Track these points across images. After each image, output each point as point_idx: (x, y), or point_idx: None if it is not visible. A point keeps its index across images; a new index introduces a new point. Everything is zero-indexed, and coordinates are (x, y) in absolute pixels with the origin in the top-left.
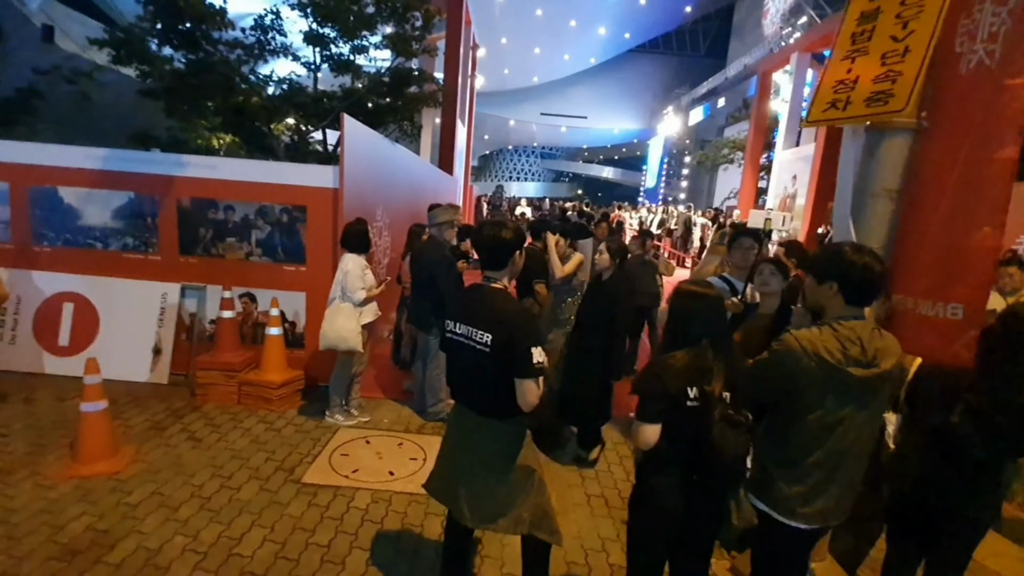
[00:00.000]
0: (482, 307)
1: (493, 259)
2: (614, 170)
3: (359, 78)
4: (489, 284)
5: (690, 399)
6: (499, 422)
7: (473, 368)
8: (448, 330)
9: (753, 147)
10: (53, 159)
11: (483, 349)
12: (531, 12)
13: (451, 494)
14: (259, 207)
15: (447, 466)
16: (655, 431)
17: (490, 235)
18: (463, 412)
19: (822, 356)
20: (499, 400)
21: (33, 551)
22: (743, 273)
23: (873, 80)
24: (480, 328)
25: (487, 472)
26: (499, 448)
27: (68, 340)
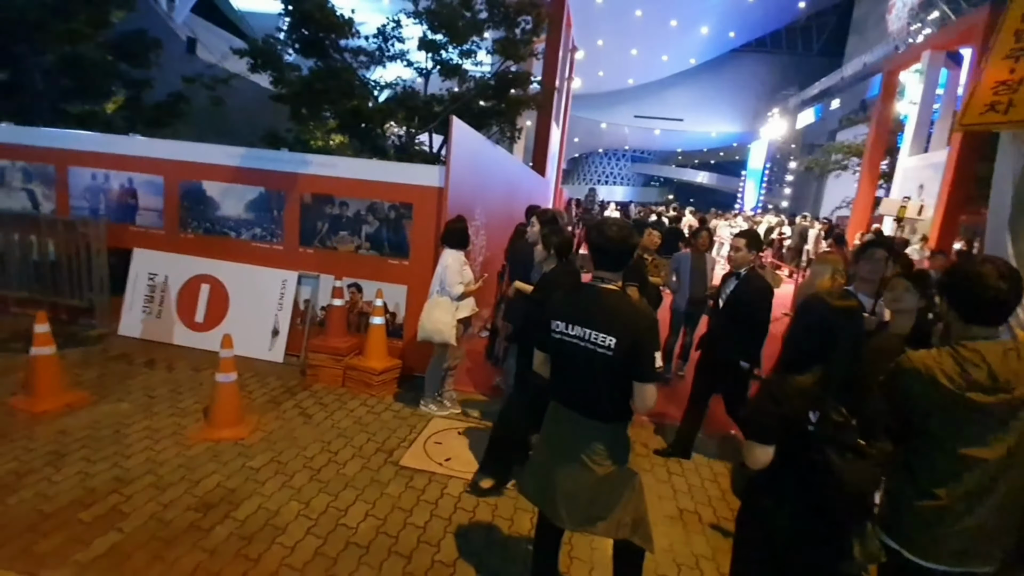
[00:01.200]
0: (601, 309)
1: (611, 260)
2: (709, 175)
3: (465, 81)
4: (602, 285)
5: (811, 423)
6: (606, 425)
7: (587, 371)
8: (556, 331)
9: (872, 152)
10: (199, 156)
11: (605, 352)
12: (630, 13)
13: (548, 496)
14: (370, 204)
15: (544, 468)
16: (768, 453)
17: (611, 236)
18: (565, 414)
19: (937, 379)
20: (612, 403)
21: (175, 500)
22: (870, 287)
23: None
24: (602, 331)
25: (590, 474)
26: (605, 450)
27: (203, 317)
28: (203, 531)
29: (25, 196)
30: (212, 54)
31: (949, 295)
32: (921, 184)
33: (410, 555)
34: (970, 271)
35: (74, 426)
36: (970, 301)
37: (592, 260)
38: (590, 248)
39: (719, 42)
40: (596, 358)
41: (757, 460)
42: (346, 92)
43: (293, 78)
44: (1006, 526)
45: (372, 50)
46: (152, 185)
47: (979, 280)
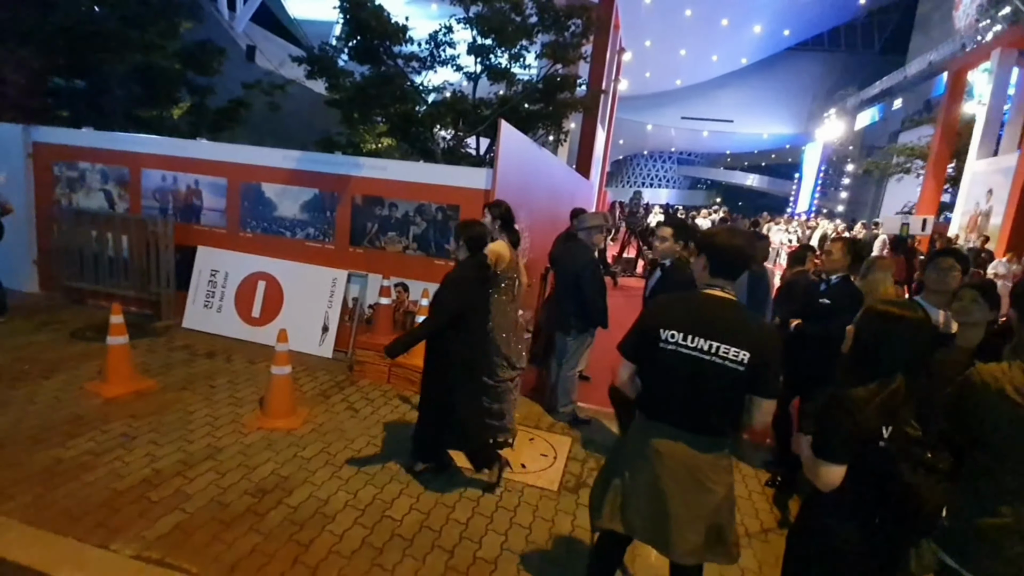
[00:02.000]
0: (727, 321)
1: (729, 269)
2: (760, 177)
3: (513, 85)
4: (720, 295)
5: (883, 439)
6: (720, 439)
7: (707, 386)
8: (669, 342)
9: (937, 155)
10: (259, 159)
11: (735, 368)
12: (679, 12)
13: (659, 527)
14: (418, 205)
15: (650, 497)
16: (840, 472)
17: (729, 244)
18: (671, 433)
19: (1006, 393)
20: (728, 418)
21: (233, 485)
22: (939, 299)
23: None
24: (733, 345)
25: (712, 497)
26: (723, 468)
27: (259, 312)
28: (259, 515)
29: (102, 196)
30: (270, 61)
31: (1019, 308)
32: (990, 189)
33: (452, 550)
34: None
35: (143, 411)
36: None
37: (708, 266)
38: (712, 253)
39: (773, 41)
40: (724, 373)
41: (830, 482)
42: (397, 97)
43: (347, 84)
44: None
45: (424, 56)
46: (216, 186)
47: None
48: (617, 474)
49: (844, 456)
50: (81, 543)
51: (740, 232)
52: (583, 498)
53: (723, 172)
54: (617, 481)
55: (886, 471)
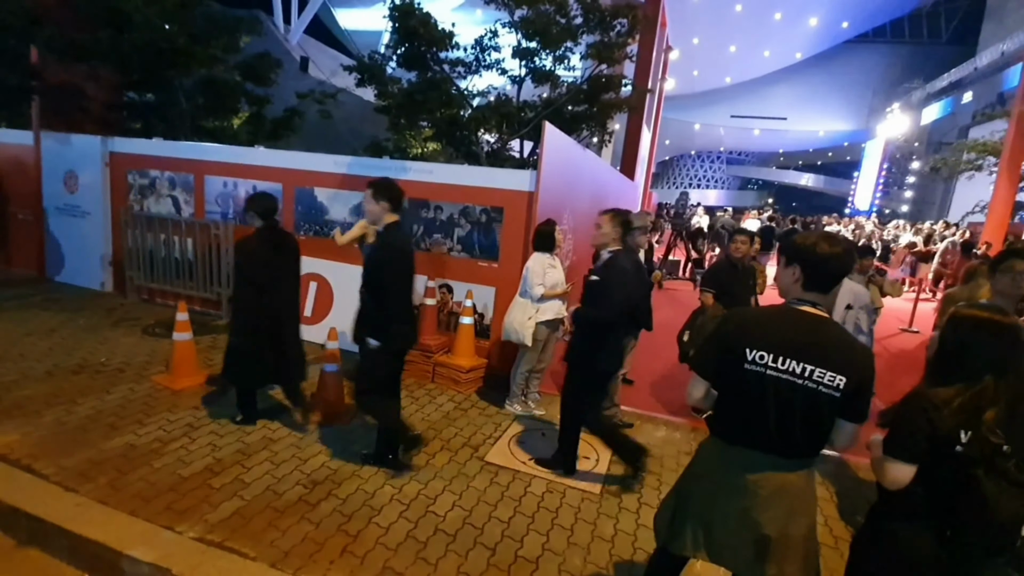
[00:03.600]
0: (822, 342)
1: (824, 282)
2: (815, 177)
3: (557, 87)
4: (815, 312)
5: (961, 444)
6: (809, 461)
7: (802, 410)
8: (759, 363)
9: (1012, 151)
10: (311, 165)
11: (831, 393)
12: (730, 8)
13: (749, 559)
14: (463, 208)
15: (739, 525)
16: (909, 472)
17: (829, 254)
18: (756, 459)
19: None
20: (821, 440)
21: (287, 475)
22: (1009, 302)
23: None
24: (829, 369)
25: (806, 521)
26: (810, 488)
27: (311, 311)
28: (310, 505)
29: (170, 202)
30: (322, 71)
31: None
32: None
33: (494, 547)
34: None
35: (206, 403)
36: None
37: (802, 279)
38: (809, 264)
39: (830, 33)
40: (819, 398)
41: (896, 480)
42: (444, 102)
43: (395, 91)
44: None
45: (469, 60)
46: (272, 191)
47: None
48: (696, 501)
49: (914, 456)
50: (151, 524)
51: (839, 239)
52: (626, 502)
53: (775, 172)
54: (698, 509)
55: (962, 478)
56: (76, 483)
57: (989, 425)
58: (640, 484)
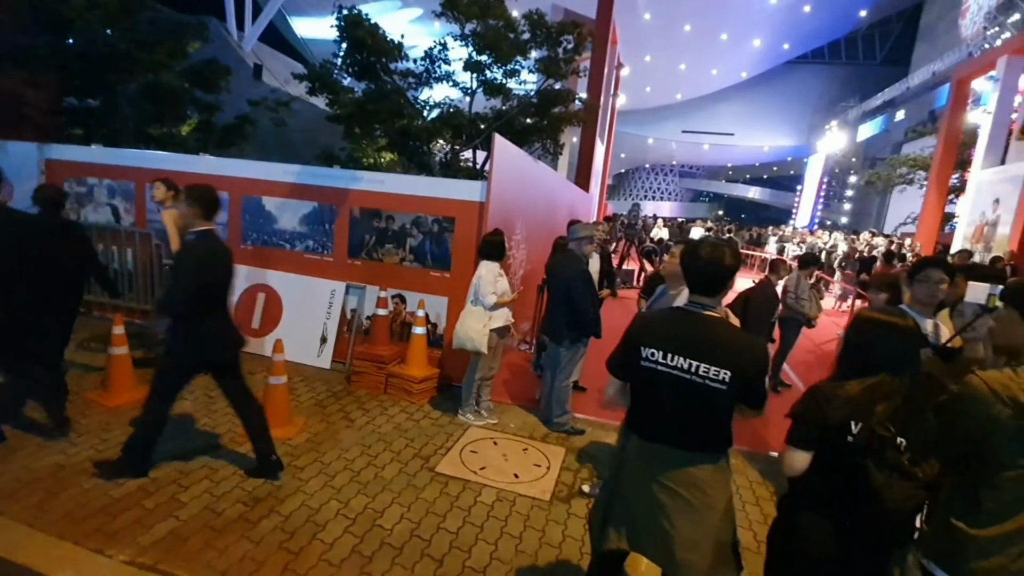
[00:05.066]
0: (708, 339)
1: (710, 285)
2: (762, 190)
3: (509, 100)
4: (704, 312)
5: (851, 434)
6: (717, 454)
7: (694, 404)
8: (651, 360)
9: (941, 165)
10: (259, 174)
11: (718, 387)
12: (679, 28)
13: (660, 549)
14: (415, 217)
15: (649, 516)
16: (804, 459)
17: (711, 258)
18: (662, 452)
19: (1019, 399)
20: (721, 434)
21: (227, 493)
22: (927, 310)
23: None
24: (714, 364)
25: (712, 514)
26: (718, 482)
27: (259, 324)
28: (251, 523)
29: (109, 211)
30: (277, 79)
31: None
32: (997, 198)
33: (442, 559)
34: None
35: None
36: None
37: (688, 285)
38: (684, 272)
39: (772, 54)
40: (707, 392)
41: (793, 466)
42: (396, 112)
43: (347, 100)
44: None
45: (420, 72)
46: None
47: None
48: (618, 496)
49: (807, 443)
50: (79, 547)
51: (721, 246)
52: (575, 508)
53: (725, 185)
54: (619, 503)
55: (853, 468)
56: (2, 504)
57: (879, 419)
58: (593, 489)
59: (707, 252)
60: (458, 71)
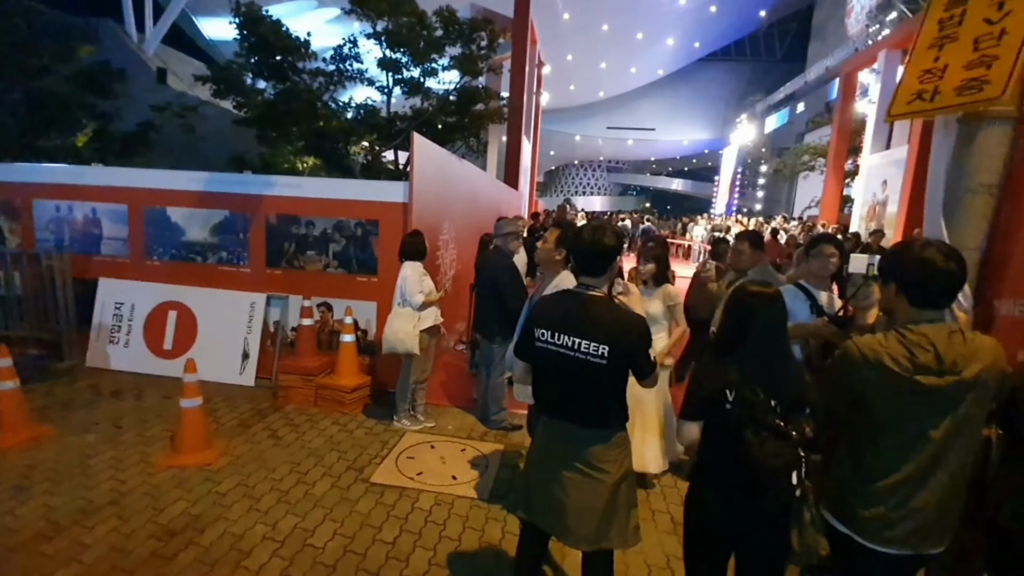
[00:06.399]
0: (589, 317)
1: (593, 266)
2: (684, 182)
3: (428, 99)
4: (588, 292)
5: (728, 402)
6: (608, 431)
7: (579, 380)
8: (540, 340)
9: (836, 153)
10: (162, 183)
11: (599, 362)
12: (597, 27)
13: (557, 517)
14: (336, 222)
15: (548, 487)
16: (695, 429)
17: (591, 240)
18: (560, 427)
19: (885, 364)
20: (610, 408)
21: (138, 529)
22: (821, 283)
23: (964, 67)
24: (593, 340)
25: (601, 486)
26: (613, 458)
27: (171, 344)
28: (166, 559)
29: None
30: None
31: (899, 281)
32: (885, 180)
33: (378, 571)
34: (919, 256)
35: (39, 460)
36: (921, 285)
37: (575, 268)
38: (575, 252)
39: (685, 53)
40: (589, 367)
41: (685, 437)
42: (311, 113)
43: (257, 102)
44: (951, 506)
45: (331, 71)
46: (116, 213)
47: (930, 265)
48: (527, 468)
49: (694, 414)
50: None
51: (603, 228)
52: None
53: (650, 178)
54: (527, 475)
55: (733, 433)
56: None
57: (749, 385)
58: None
59: (589, 235)
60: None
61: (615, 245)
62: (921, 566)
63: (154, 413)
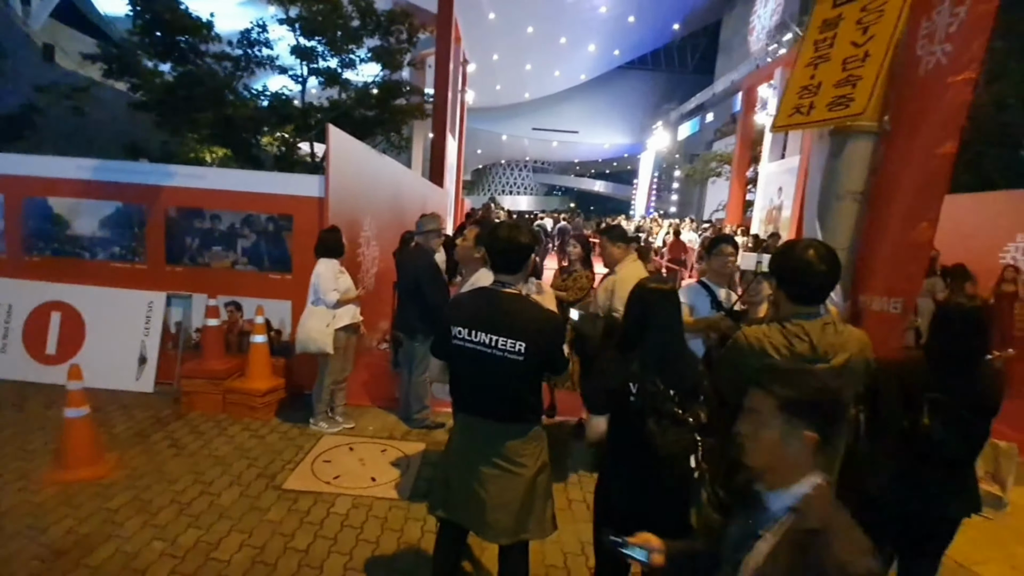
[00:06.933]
0: (505, 314)
1: (508, 263)
2: (606, 184)
3: (347, 90)
4: (503, 289)
5: (632, 395)
6: (524, 425)
7: (496, 376)
8: (458, 337)
9: (739, 160)
10: (45, 170)
11: (515, 358)
12: (522, 29)
13: (474, 513)
14: (245, 216)
15: (465, 483)
16: (602, 423)
17: (506, 238)
18: (478, 423)
19: (767, 352)
20: (526, 403)
21: (18, 552)
22: (722, 279)
23: (834, 85)
24: (510, 337)
25: (519, 480)
26: (530, 452)
27: (55, 349)
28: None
29: None
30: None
31: (780, 280)
32: (780, 187)
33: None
34: (798, 258)
35: None
36: (798, 284)
37: (492, 265)
38: (491, 250)
39: (606, 59)
40: (506, 364)
41: (593, 430)
42: (216, 100)
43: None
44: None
45: (237, 56)
46: None
47: (807, 267)
48: (446, 466)
49: (600, 407)
50: None
51: (518, 226)
52: None
53: (574, 179)
54: (444, 472)
55: (637, 424)
56: None
57: (650, 377)
58: None
59: (504, 233)
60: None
61: (529, 243)
62: None
63: (36, 425)
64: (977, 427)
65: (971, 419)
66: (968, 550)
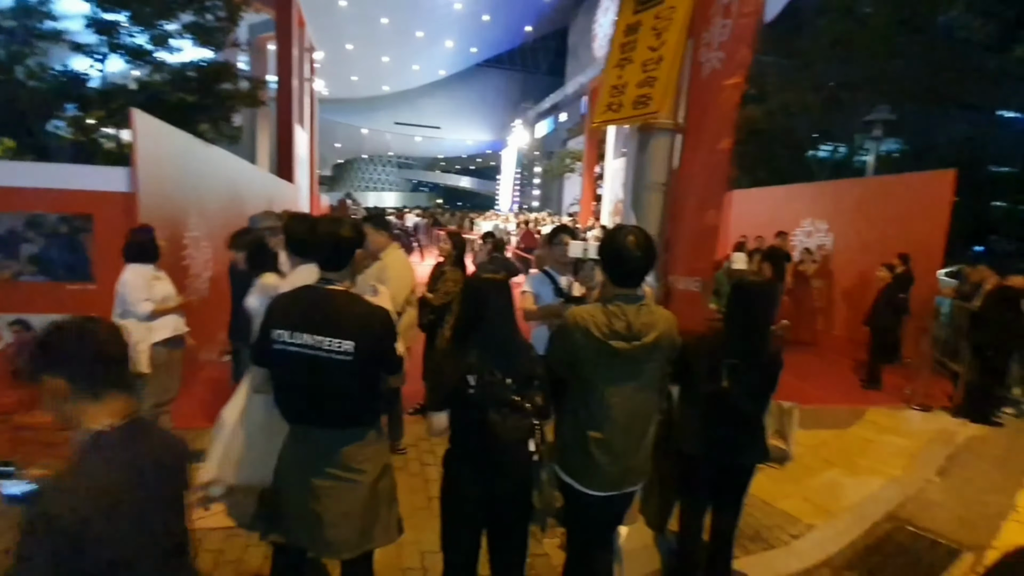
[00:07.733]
0: (331, 313)
1: (333, 259)
2: (471, 179)
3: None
4: (327, 287)
5: (471, 387)
6: (361, 428)
7: (325, 380)
8: (279, 341)
9: (588, 158)
10: None
11: (344, 359)
12: (376, 20)
13: (313, 530)
14: (30, 217)
15: (299, 501)
16: (442, 419)
17: (327, 232)
18: (308, 433)
19: (590, 330)
20: (361, 406)
21: None
22: (563, 268)
23: (637, 85)
24: (337, 336)
25: (359, 488)
26: (366, 456)
27: None
28: None
29: None
30: None
31: (603, 264)
32: (623, 182)
33: None
34: (618, 244)
35: None
36: (618, 268)
37: (316, 262)
38: (314, 247)
39: (464, 56)
40: (334, 366)
41: (435, 427)
42: None
43: None
44: (645, 447)
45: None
46: None
47: (625, 252)
48: (276, 485)
49: (440, 404)
50: None
51: (329, 220)
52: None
53: (439, 175)
54: (276, 493)
55: (477, 415)
56: None
57: (488, 367)
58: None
59: (325, 227)
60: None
61: (352, 237)
62: (628, 500)
63: None
64: (764, 386)
65: (760, 380)
66: (770, 488)
